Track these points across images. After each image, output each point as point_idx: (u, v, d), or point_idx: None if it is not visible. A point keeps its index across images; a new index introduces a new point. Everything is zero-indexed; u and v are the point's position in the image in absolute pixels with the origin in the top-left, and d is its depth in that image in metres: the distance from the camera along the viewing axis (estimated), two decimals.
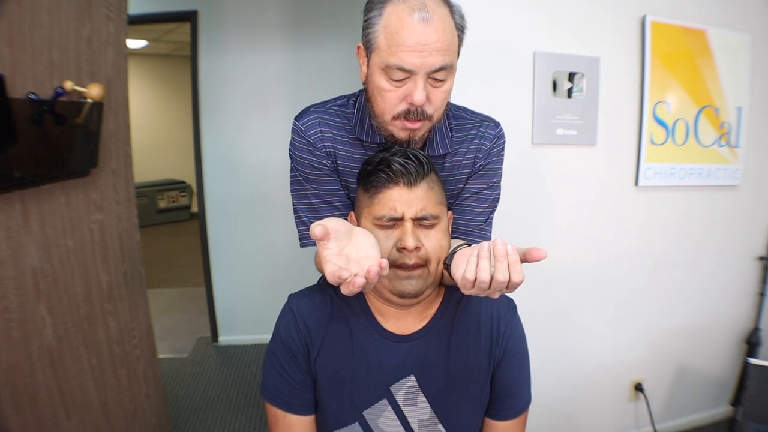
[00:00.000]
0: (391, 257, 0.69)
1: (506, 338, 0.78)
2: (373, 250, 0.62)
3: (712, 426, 1.96)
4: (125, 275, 1.32)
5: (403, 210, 0.69)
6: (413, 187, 0.69)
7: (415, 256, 0.69)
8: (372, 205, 0.70)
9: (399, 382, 0.76)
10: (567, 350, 1.71)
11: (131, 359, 1.34)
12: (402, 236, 0.68)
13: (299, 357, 0.76)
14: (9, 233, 0.93)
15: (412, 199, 0.69)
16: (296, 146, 0.82)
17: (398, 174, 0.69)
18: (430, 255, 0.70)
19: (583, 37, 1.53)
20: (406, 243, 0.67)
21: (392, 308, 0.76)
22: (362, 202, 0.73)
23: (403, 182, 0.69)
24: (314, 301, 0.79)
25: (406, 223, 0.69)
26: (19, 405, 0.95)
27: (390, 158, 0.70)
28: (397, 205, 0.69)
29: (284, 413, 0.77)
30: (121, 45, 1.30)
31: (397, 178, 0.69)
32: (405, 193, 0.69)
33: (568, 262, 1.64)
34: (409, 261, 0.68)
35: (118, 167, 1.31)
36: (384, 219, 0.69)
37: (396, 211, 0.69)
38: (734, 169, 1.76)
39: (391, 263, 0.68)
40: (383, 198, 0.69)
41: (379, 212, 0.69)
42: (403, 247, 0.68)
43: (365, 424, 0.76)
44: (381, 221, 0.69)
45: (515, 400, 0.80)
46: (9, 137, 0.87)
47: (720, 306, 1.88)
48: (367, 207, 0.71)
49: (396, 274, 0.69)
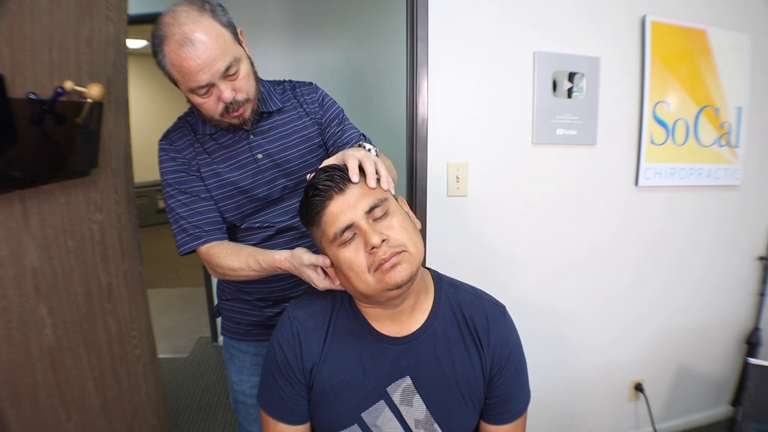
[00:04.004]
0: (370, 267, 0.68)
1: (495, 347, 0.78)
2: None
3: (712, 426, 1.96)
4: (125, 275, 1.32)
5: (350, 216, 0.68)
6: (345, 192, 0.70)
7: (387, 248, 0.67)
8: (324, 231, 0.70)
9: (395, 383, 0.76)
10: (567, 350, 1.71)
11: (131, 359, 1.33)
12: (365, 239, 0.67)
13: (292, 371, 0.76)
14: (9, 233, 0.93)
15: (351, 201, 0.69)
16: (162, 160, 0.96)
17: (326, 189, 0.70)
18: (400, 240, 0.69)
19: (583, 37, 1.53)
20: (371, 241, 0.66)
21: (388, 311, 0.76)
22: (316, 236, 0.74)
23: (334, 193, 0.69)
24: (315, 310, 0.79)
25: (361, 225, 0.68)
26: (19, 405, 0.95)
27: (314, 183, 0.71)
28: (341, 215, 0.68)
29: (275, 422, 0.78)
30: (121, 45, 1.30)
31: (327, 192, 0.69)
32: (342, 200, 0.69)
33: (567, 261, 1.64)
34: (384, 255, 0.67)
35: (118, 167, 1.31)
36: (338, 234, 0.68)
37: (344, 219, 0.68)
38: (734, 169, 1.76)
39: (373, 269, 0.67)
40: (327, 217, 0.69)
41: (331, 232, 0.69)
42: (372, 247, 0.66)
43: (364, 425, 0.76)
44: (339, 239, 0.68)
45: (515, 403, 0.80)
46: (9, 137, 0.87)
47: (720, 306, 1.88)
48: (323, 236, 0.71)
49: (382, 273, 0.67)
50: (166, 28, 0.80)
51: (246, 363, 1.11)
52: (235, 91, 0.85)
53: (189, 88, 0.84)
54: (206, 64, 0.80)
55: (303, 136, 1.00)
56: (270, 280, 1.02)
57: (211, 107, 0.86)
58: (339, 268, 0.72)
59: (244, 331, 1.10)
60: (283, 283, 1.04)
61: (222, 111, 0.87)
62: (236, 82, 0.85)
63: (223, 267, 0.89)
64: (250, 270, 0.87)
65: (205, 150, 0.96)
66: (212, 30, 0.81)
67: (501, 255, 1.57)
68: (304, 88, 1.04)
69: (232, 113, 0.88)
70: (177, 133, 0.98)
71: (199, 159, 0.96)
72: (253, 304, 1.08)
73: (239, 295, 1.08)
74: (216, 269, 0.92)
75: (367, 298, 0.72)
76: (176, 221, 0.95)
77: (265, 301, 1.07)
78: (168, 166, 0.96)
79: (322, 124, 1.02)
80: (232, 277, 0.91)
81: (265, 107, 0.97)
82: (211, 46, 0.80)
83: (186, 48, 0.79)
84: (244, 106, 0.88)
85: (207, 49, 0.80)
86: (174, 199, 0.95)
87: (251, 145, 0.96)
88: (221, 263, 0.89)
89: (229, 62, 0.83)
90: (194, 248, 0.94)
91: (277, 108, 0.99)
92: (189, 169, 0.96)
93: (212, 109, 0.87)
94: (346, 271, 0.70)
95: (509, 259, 1.58)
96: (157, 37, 0.82)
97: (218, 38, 0.81)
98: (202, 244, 0.93)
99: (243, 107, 0.88)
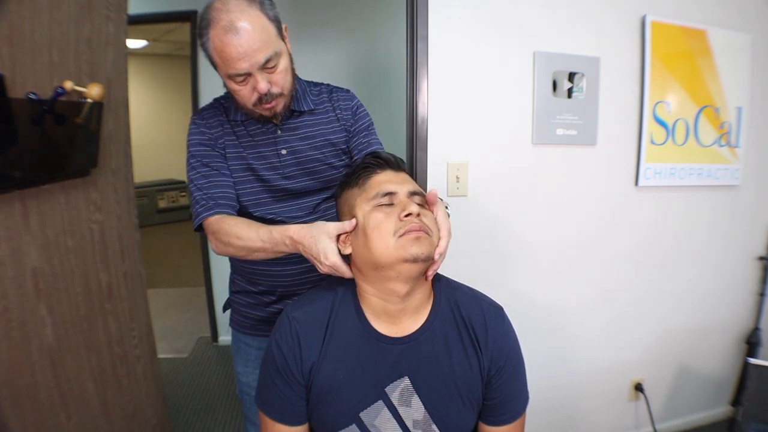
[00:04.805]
0: (396, 232, 0.70)
1: (494, 348, 0.78)
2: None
3: (712, 426, 1.96)
4: (125, 275, 1.33)
5: (396, 188, 0.75)
6: (399, 172, 0.79)
7: (419, 222, 0.71)
8: (365, 190, 0.76)
9: (394, 383, 0.76)
10: (567, 350, 1.71)
11: (131, 359, 1.34)
12: (404, 207, 0.72)
13: (291, 372, 0.76)
14: (9, 233, 0.93)
15: (401, 180, 0.77)
16: (192, 133, 0.99)
17: (386, 161, 0.78)
18: (431, 225, 0.73)
19: (583, 37, 1.53)
20: (409, 208, 0.71)
21: (391, 306, 0.76)
22: (352, 196, 0.78)
23: (390, 168, 0.78)
24: (314, 310, 0.79)
25: (402, 197, 0.74)
26: (19, 405, 0.95)
27: (377, 154, 0.79)
28: (388, 184, 0.75)
29: (273, 423, 0.77)
30: (121, 45, 1.30)
31: (385, 164, 0.78)
32: (393, 176, 0.77)
33: (568, 261, 1.64)
34: (415, 225, 0.70)
35: (118, 167, 1.31)
36: (379, 195, 0.74)
37: (389, 187, 0.74)
38: (734, 169, 1.76)
39: (399, 234, 0.70)
40: (374, 182, 0.76)
41: (373, 191, 0.75)
42: (408, 214, 0.71)
43: (362, 425, 0.76)
44: (377, 199, 0.74)
45: (513, 404, 0.80)
46: (9, 137, 0.87)
47: (720, 306, 1.88)
48: (360, 195, 0.76)
49: (405, 240, 0.70)
50: (215, 12, 0.82)
51: (251, 356, 1.12)
52: (270, 84, 0.88)
53: (227, 74, 0.87)
54: (247, 53, 0.83)
55: (329, 140, 1.02)
56: (276, 272, 1.03)
57: (245, 95, 0.89)
58: (363, 229, 0.73)
59: (251, 325, 1.11)
60: (288, 279, 1.04)
61: (255, 101, 0.90)
62: (273, 75, 0.88)
63: (229, 234, 0.88)
64: (257, 240, 0.85)
65: (234, 133, 0.99)
66: (258, 21, 0.84)
67: (501, 255, 1.57)
68: (341, 93, 1.07)
69: (264, 104, 0.90)
70: (210, 111, 1.01)
71: (226, 139, 0.99)
72: (258, 299, 1.09)
73: (247, 287, 1.09)
74: (221, 238, 0.90)
75: (377, 268, 0.72)
76: (193, 193, 0.97)
77: (269, 296, 1.07)
78: (196, 139, 0.99)
79: (350, 132, 1.05)
80: (237, 249, 0.88)
81: (297, 106, 0.99)
82: (255, 37, 0.83)
83: (230, 35, 0.81)
84: (278, 99, 0.91)
85: (250, 39, 0.82)
86: (195, 171, 0.97)
87: (277, 139, 0.99)
88: (228, 230, 0.88)
89: (270, 55, 0.85)
90: (205, 218, 0.93)
91: (309, 109, 1.01)
92: (215, 146, 0.98)
93: (246, 97, 0.90)
94: (370, 231, 0.71)
95: (509, 258, 1.58)
96: (205, 20, 0.84)
97: (262, 30, 0.84)
98: (213, 214, 0.92)
99: (276, 101, 0.91)
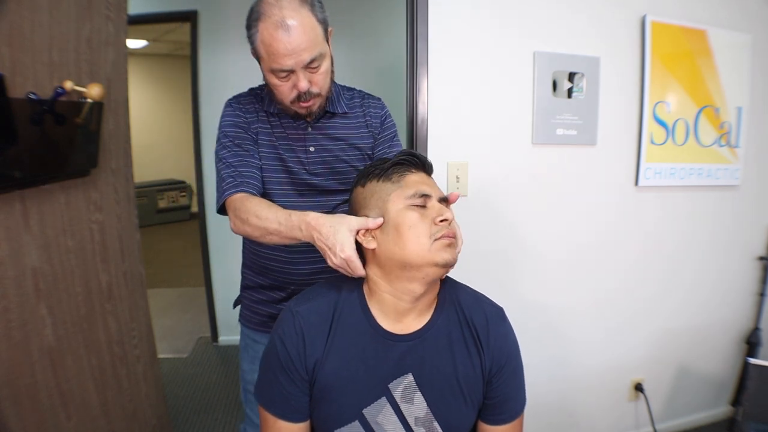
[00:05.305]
0: (432, 235, 0.73)
1: (495, 348, 0.79)
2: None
3: (712, 426, 1.96)
4: (125, 275, 1.33)
5: (430, 190, 0.77)
6: (431, 176, 0.82)
7: (453, 228, 0.76)
8: (401, 187, 0.77)
9: (397, 380, 0.76)
10: (567, 350, 1.71)
11: (131, 359, 1.34)
12: (439, 212, 0.75)
13: (295, 368, 0.75)
14: (9, 233, 0.93)
15: (433, 185, 0.80)
16: (227, 114, 1.01)
17: (421, 161, 0.80)
18: (456, 230, 0.78)
19: (583, 37, 1.53)
20: (445, 214, 0.75)
21: (401, 304, 0.76)
22: (384, 190, 0.78)
23: (424, 170, 0.81)
24: (318, 305, 0.79)
25: (434, 201, 0.76)
26: (19, 405, 0.95)
27: (413, 152, 0.81)
28: (425, 186, 0.77)
29: (275, 419, 0.77)
30: (121, 45, 1.30)
31: (419, 165, 0.80)
32: (426, 179, 0.80)
33: (568, 261, 1.64)
34: (450, 231, 0.74)
35: (118, 167, 1.31)
36: (417, 195, 0.76)
37: (425, 189, 0.76)
38: (734, 169, 1.76)
39: (434, 238, 0.73)
40: (410, 181, 0.78)
41: (412, 190, 0.76)
42: (444, 219, 0.74)
43: (365, 422, 0.76)
44: (413, 198, 0.75)
45: (512, 403, 0.81)
46: (9, 137, 0.87)
47: (720, 306, 1.88)
48: (396, 191, 0.77)
49: (441, 244, 0.73)
50: (267, 7, 0.84)
51: (259, 354, 1.12)
52: (310, 83, 0.90)
53: (271, 68, 0.88)
54: (294, 51, 0.85)
55: (356, 144, 1.05)
56: (288, 269, 1.04)
57: (285, 92, 0.91)
58: (397, 226, 0.74)
59: (261, 321, 1.11)
60: (299, 277, 1.04)
61: (294, 98, 0.92)
62: (315, 75, 0.90)
63: (249, 212, 0.88)
64: (275, 221, 0.84)
65: (268, 121, 1.01)
66: (308, 21, 0.86)
67: (501, 255, 1.57)
68: (372, 101, 1.10)
69: (302, 102, 0.93)
70: (247, 98, 1.04)
71: (260, 126, 1.01)
72: (268, 294, 1.09)
73: (257, 280, 1.10)
74: (240, 214, 0.90)
75: (404, 267, 0.73)
76: (220, 172, 0.97)
77: (279, 293, 1.07)
78: (230, 121, 1.01)
79: (377, 139, 1.08)
80: (253, 229, 0.88)
81: (331, 107, 1.02)
82: (303, 37, 0.85)
83: (280, 31, 0.84)
84: (315, 99, 0.94)
85: (299, 37, 0.84)
86: (227, 150, 0.98)
87: (307, 136, 1.01)
88: (250, 208, 0.88)
89: (315, 56, 0.87)
90: (230, 195, 0.94)
91: (343, 111, 1.04)
92: (248, 130, 1.00)
93: (285, 93, 0.92)
94: (406, 230, 0.73)
95: (509, 259, 1.58)
96: (255, 12, 0.86)
97: (311, 31, 0.86)
98: (240, 191, 0.93)
99: (314, 100, 0.93)
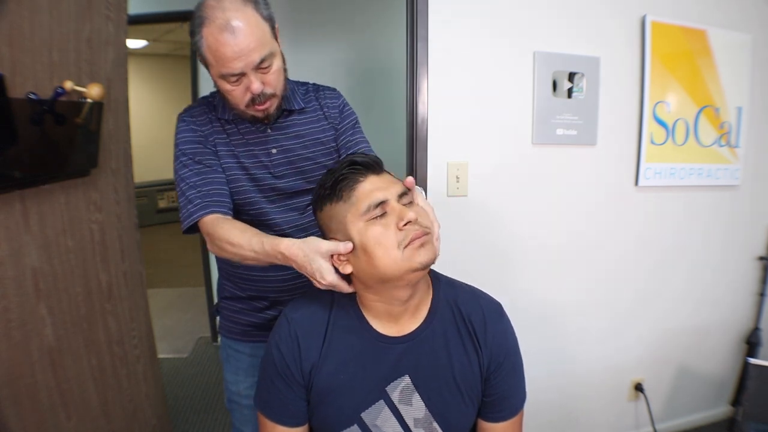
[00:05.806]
0: (400, 244, 0.69)
1: (493, 345, 0.78)
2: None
3: (712, 426, 1.96)
4: (125, 275, 1.33)
5: (384, 194, 0.70)
6: (381, 174, 0.74)
7: (419, 226, 0.70)
8: (353, 204, 0.71)
9: (394, 382, 0.76)
10: (567, 350, 1.71)
11: (131, 359, 1.34)
12: (400, 215, 0.69)
13: (291, 373, 0.75)
14: (9, 233, 0.93)
15: (386, 184, 0.72)
16: (181, 130, 0.96)
17: (365, 166, 0.73)
18: (426, 222, 0.72)
19: (583, 37, 1.53)
20: (406, 216, 0.68)
21: (393, 308, 0.76)
22: (339, 212, 0.72)
23: (371, 173, 0.73)
24: (313, 311, 0.79)
25: (393, 204, 0.70)
26: (19, 405, 0.95)
27: (352, 159, 0.74)
28: (377, 193, 0.70)
29: (273, 424, 0.77)
30: (121, 45, 1.30)
31: (365, 170, 0.73)
32: (378, 180, 0.72)
33: (567, 261, 1.64)
34: (417, 231, 0.69)
35: (118, 167, 1.31)
36: (372, 207, 0.69)
37: (378, 195, 0.70)
38: (734, 169, 1.76)
39: (403, 245, 0.69)
40: (360, 193, 0.71)
41: (364, 205, 0.70)
42: (408, 222, 0.69)
43: (364, 425, 0.76)
44: (369, 212, 0.69)
45: (511, 400, 0.81)
46: (9, 137, 0.87)
47: (720, 306, 1.88)
48: (350, 210, 0.71)
49: (412, 250, 0.68)
50: (209, 10, 0.81)
51: (242, 364, 1.11)
52: (264, 84, 0.87)
53: (220, 74, 0.85)
54: (243, 53, 0.81)
55: (319, 139, 1.02)
56: (262, 277, 1.02)
57: (238, 96, 0.88)
58: (363, 247, 0.69)
59: (242, 331, 1.09)
60: (275, 285, 1.03)
61: (248, 102, 0.88)
62: (267, 75, 0.87)
63: (222, 239, 0.85)
64: (249, 250, 0.82)
65: (224, 130, 0.97)
66: (254, 21, 0.82)
67: (501, 255, 1.57)
68: (327, 92, 1.06)
69: (257, 105, 0.89)
70: (198, 109, 0.99)
71: (216, 137, 0.97)
72: (250, 304, 1.07)
73: (236, 292, 1.08)
74: (215, 241, 0.88)
75: (385, 281, 0.71)
76: (184, 192, 0.92)
77: (261, 302, 1.06)
78: (186, 137, 0.95)
79: (338, 130, 1.04)
80: (229, 254, 0.87)
81: (288, 105, 0.98)
82: (250, 37, 0.81)
83: (226, 34, 0.80)
84: (271, 100, 0.90)
85: (246, 38, 0.81)
86: (187, 169, 0.93)
87: (267, 138, 0.98)
88: (222, 235, 0.86)
89: (265, 55, 0.84)
90: (200, 218, 0.89)
91: (299, 107, 1.00)
92: (206, 143, 0.96)
93: (239, 98, 0.88)
94: (372, 248, 0.68)
95: (509, 258, 1.58)
96: (198, 18, 0.82)
97: (258, 30, 0.83)
98: (209, 213, 0.89)
99: (269, 101, 0.90)
